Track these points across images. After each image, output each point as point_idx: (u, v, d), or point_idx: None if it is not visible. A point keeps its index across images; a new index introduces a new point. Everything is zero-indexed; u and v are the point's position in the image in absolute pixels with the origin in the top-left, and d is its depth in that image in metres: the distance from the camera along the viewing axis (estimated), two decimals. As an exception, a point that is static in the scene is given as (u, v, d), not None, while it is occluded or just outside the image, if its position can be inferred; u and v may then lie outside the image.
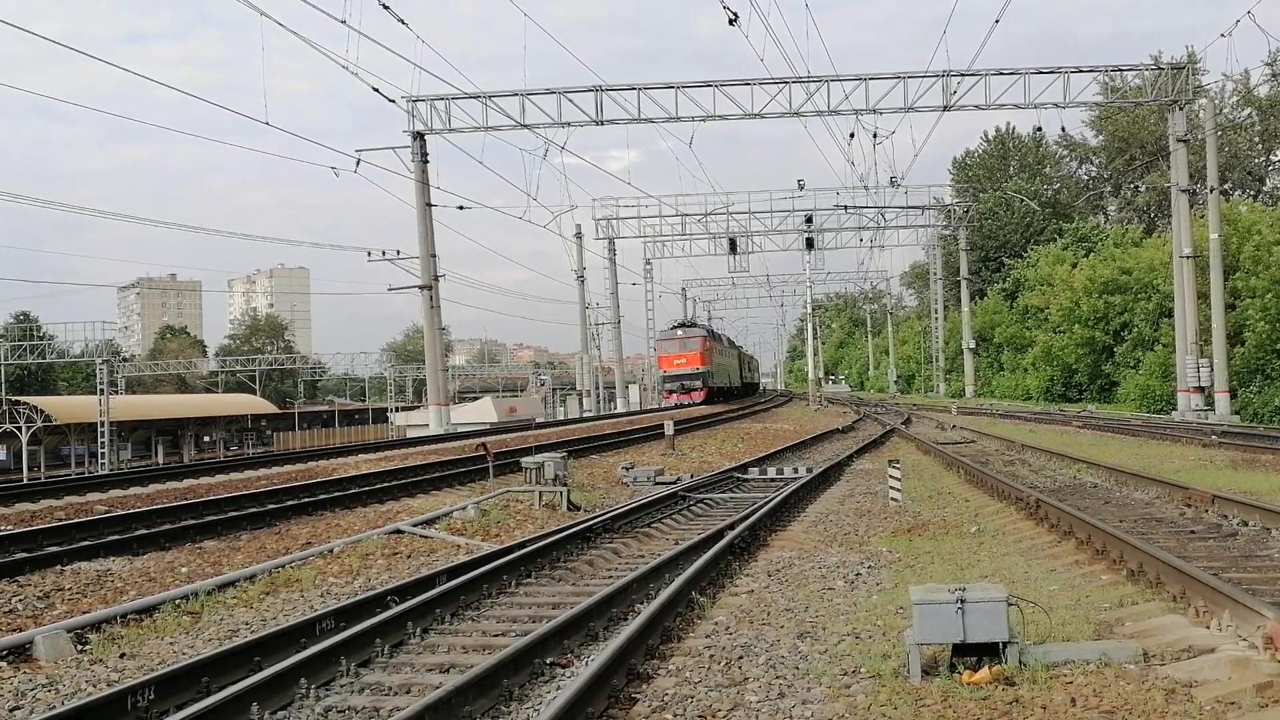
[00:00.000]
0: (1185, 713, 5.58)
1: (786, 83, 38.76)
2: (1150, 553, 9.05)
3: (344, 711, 6.24)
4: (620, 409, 70.04)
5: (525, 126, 39.27)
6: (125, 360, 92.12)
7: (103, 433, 56.61)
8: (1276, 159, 70.14)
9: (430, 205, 39.65)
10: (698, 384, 63.16)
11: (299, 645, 7.27)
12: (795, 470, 19.96)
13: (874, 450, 26.73)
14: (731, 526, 11.98)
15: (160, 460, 64.86)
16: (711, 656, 7.11)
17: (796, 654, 7.13)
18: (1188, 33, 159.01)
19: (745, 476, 19.74)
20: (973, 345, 76.85)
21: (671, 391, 64.14)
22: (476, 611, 8.80)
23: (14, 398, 62.52)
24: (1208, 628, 7.11)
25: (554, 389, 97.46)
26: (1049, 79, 38.81)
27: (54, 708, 6.19)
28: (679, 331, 66.14)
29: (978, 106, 39.35)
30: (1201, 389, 38.88)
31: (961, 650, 6.34)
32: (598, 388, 72.91)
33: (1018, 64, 40.33)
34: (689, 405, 60.00)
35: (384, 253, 40.56)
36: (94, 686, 6.80)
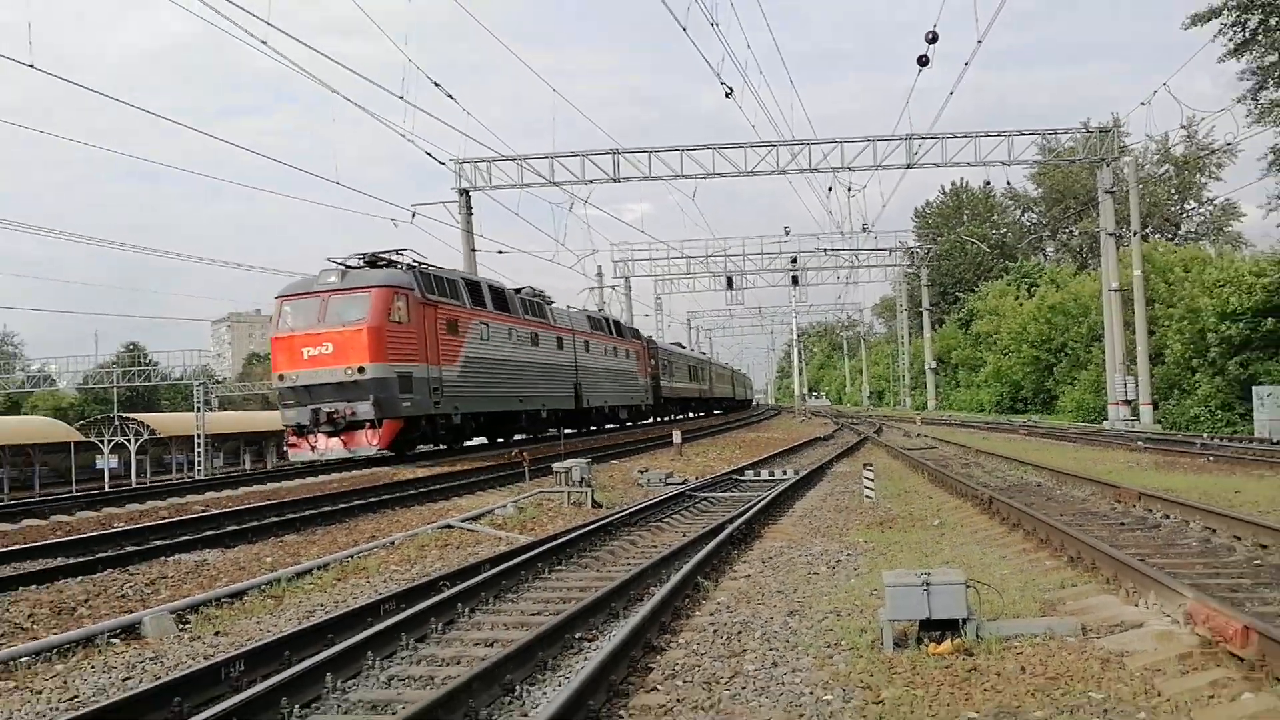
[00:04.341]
0: (1119, 679, 5.55)
1: (774, 145, 38.94)
2: (1087, 542, 9.00)
3: (404, 680, 6.22)
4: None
5: (554, 184, 39.44)
6: (218, 383, 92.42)
7: (198, 444, 56.70)
8: (1190, 207, 69.97)
9: (475, 250, 39.74)
10: (363, 407, 21.25)
11: (366, 623, 7.25)
12: (784, 473, 19.90)
13: (851, 455, 26.63)
14: (731, 521, 11.93)
15: (247, 467, 64.94)
16: (715, 632, 7.08)
17: (787, 629, 7.10)
18: (1113, 101, 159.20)
19: (742, 478, 19.67)
20: (933, 366, 76.75)
21: (300, 429, 21.67)
22: (516, 594, 8.78)
23: (124, 414, 62.69)
24: (1137, 606, 7.07)
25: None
26: (996, 140, 38.89)
27: (159, 678, 6.20)
28: (332, 278, 22.33)
29: (936, 164, 39.37)
30: (1128, 402, 38.78)
31: (927, 626, 6.31)
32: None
33: (969, 128, 40.44)
34: (349, 459, 22.25)
35: (435, 290, 40.33)
36: (193, 659, 6.80)
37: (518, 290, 30.87)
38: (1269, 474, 16.94)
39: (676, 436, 28.04)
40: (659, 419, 49.46)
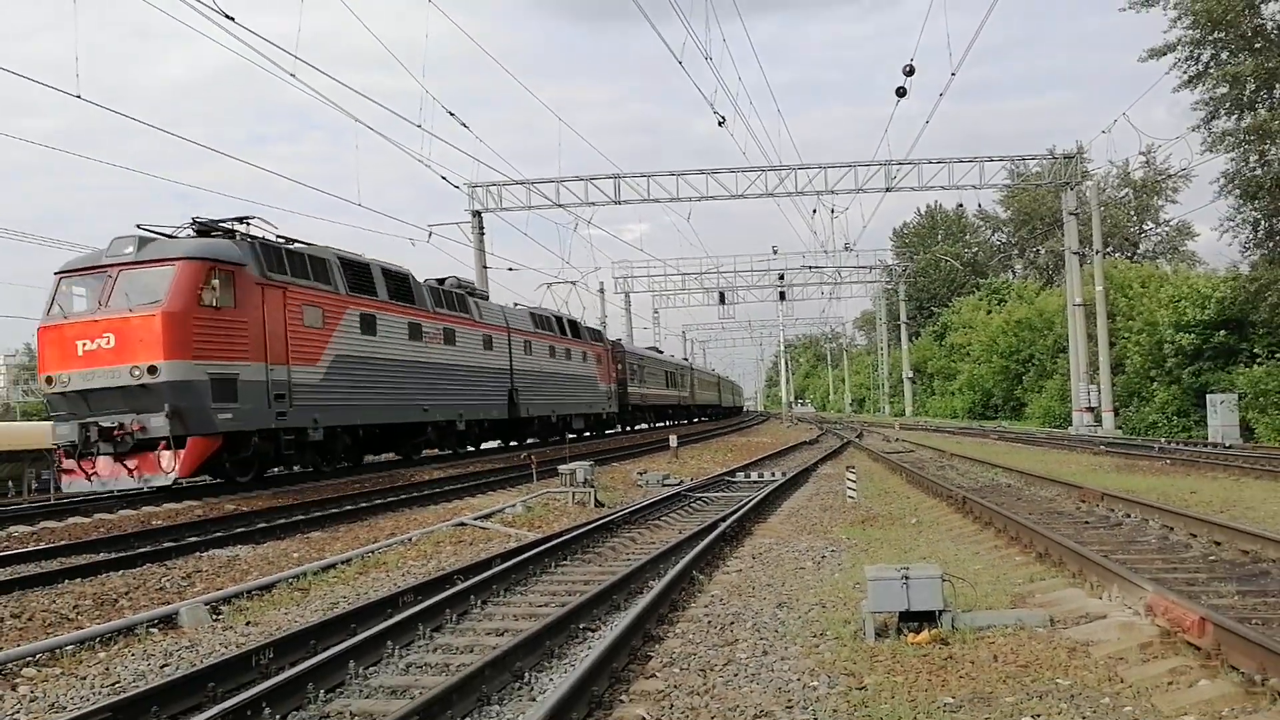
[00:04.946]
0: (1084, 666, 5.54)
1: (763, 170, 39.03)
2: (1054, 539, 9.00)
3: (422, 667, 6.21)
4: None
5: (560, 206, 39.51)
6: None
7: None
8: (1148, 228, 70.09)
9: (486, 268, 39.78)
10: (156, 421, 14.81)
11: (386, 614, 7.25)
12: (773, 474, 19.86)
13: (834, 458, 26.57)
14: (723, 519, 11.91)
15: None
16: (709, 622, 7.07)
17: (776, 620, 7.09)
18: (1077, 129, 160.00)
19: (733, 480, 19.61)
20: (910, 375, 76.80)
21: (72, 450, 14.96)
22: (525, 587, 8.77)
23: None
24: (1100, 599, 7.06)
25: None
26: (968, 166, 38.99)
27: (195, 665, 6.19)
28: (127, 249, 15.61)
29: (913, 188, 39.54)
30: (1091, 409, 38.78)
31: (906, 617, 6.30)
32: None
33: (944, 154, 40.68)
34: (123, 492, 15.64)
35: (448, 304, 40.02)
36: (226, 648, 6.79)
37: (440, 281, 25.54)
38: (1222, 476, 16.94)
39: (673, 441, 28.03)
40: (626, 429, 43.13)
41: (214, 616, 7.84)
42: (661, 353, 59.26)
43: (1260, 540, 8.70)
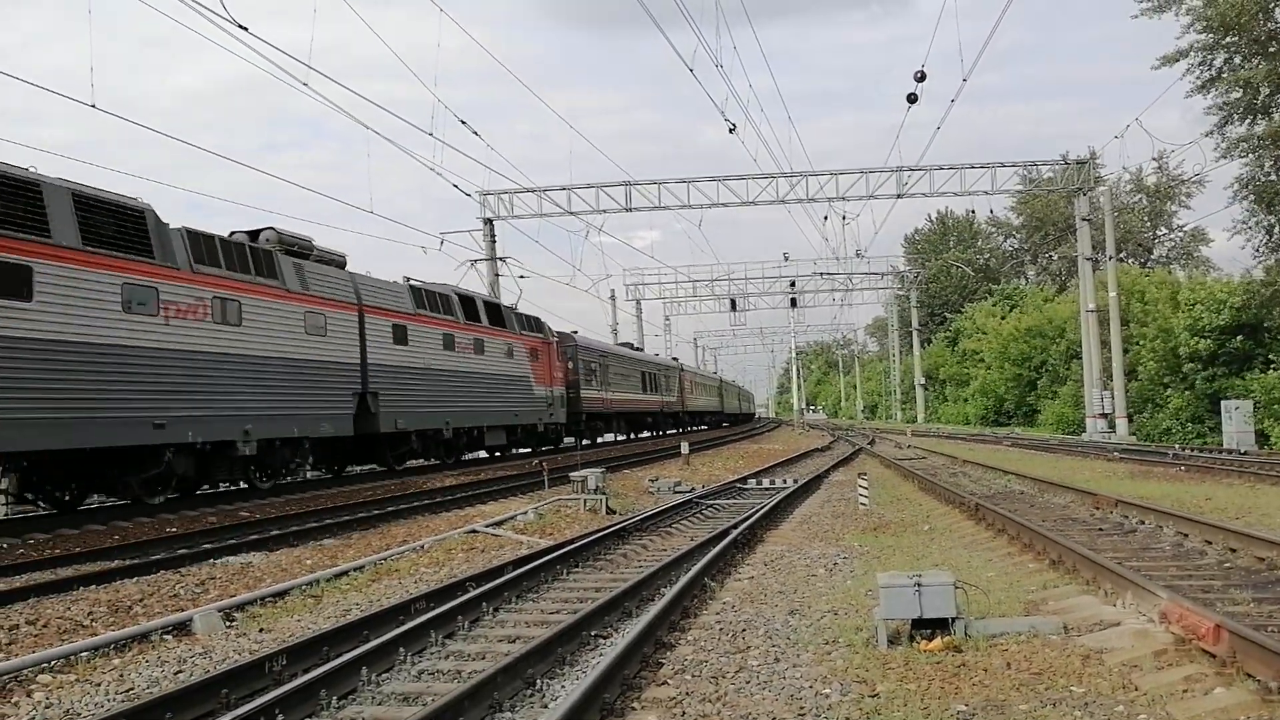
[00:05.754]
0: (1098, 674, 5.52)
1: (774, 177, 39.09)
2: (1068, 546, 8.96)
3: (434, 673, 6.22)
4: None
5: (571, 213, 39.64)
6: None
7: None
8: (1161, 233, 69.77)
9: (498, 275, 39.92)
10: None
11: (398, 621, 7.26)
12: (784, 481, 19.81)
13: (846, 465, 26.52)
14: (735, 526, 11.90)
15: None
16: (721, 629, 7.06)
17: (788, 627, 7.08)
18: (1090, 135, 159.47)
19: (745, 486, 19.57)
20: (922, 381, 76.60)
21: None
22: (536, 594, 8.77)
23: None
24: (1115, 606, 7.03)
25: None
26: (980, 172, 38.96)
27: (209, 671, 6.21)
28: None
29: (924, 194, 39.53)
30: (1105, 415, 38.63)
31: (919, 624, 6.29)
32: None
33: (955, 160, 40.63)
34: None
35: (460, 312, 39.92)
36: (239, 654, 6.82)
37: (253, 234, 18.02)
38: (1237, 482, 16.84)
39: (684, 448, 28.06)
40: (584, 441, 34.98)
41: (228, 623, 7.87)
42: (640, 350, 50.73)
43: (1276, 547, 8.64)
